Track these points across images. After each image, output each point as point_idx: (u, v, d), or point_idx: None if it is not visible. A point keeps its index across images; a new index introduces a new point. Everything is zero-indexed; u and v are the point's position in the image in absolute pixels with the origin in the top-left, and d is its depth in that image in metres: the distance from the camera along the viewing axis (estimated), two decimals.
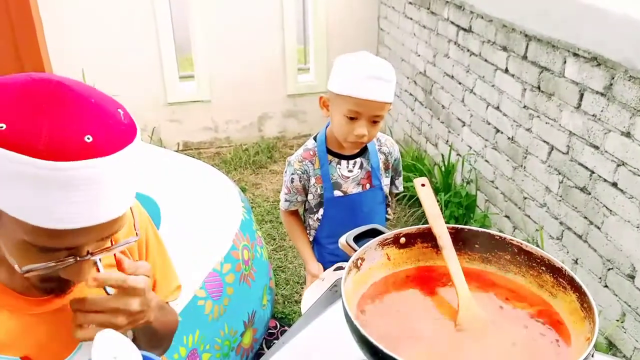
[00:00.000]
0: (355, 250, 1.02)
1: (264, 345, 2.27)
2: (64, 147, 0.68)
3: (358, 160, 1.76)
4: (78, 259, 0.78)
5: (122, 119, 0.76)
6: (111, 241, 0.84)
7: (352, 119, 1.60)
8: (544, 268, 0.98)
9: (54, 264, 0.77)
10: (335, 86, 1.61)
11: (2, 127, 0.67)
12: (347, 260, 0.98)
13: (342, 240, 1.10)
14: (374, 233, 1.13)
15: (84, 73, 3.74)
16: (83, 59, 3.79)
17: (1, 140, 0.66)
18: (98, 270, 0.86)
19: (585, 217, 2.17)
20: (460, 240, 1.05)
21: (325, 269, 1.77)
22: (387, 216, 1.90)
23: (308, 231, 1.86)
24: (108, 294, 0.86)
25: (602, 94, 2.01)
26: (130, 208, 0.83)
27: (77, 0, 3.71)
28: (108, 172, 0.71)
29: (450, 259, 0.99)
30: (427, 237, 1.05)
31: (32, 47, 3.60)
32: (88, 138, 0.70)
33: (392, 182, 1.87)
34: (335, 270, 1.64)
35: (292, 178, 1.77)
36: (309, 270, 1.81)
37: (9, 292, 0.87)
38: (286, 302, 2.69)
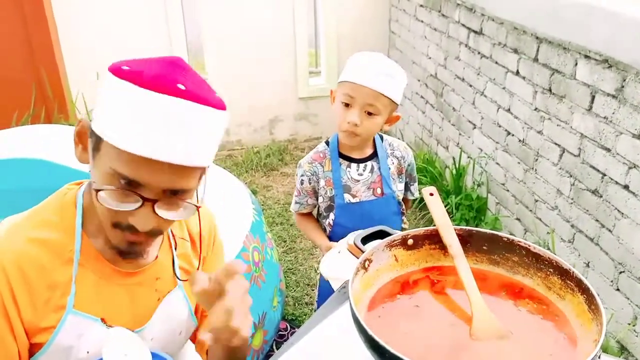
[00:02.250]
0: (363, 252, 1.02)
1: (274, 347, 2.28)
2: (161, 85, 0.83)
3: (369, 163, 1.76)
4: (145, 199, 0.87)
5: (214, 94, 0.90)
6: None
7: (346, 105, 1.62)
8: (551, 270, 0.98)
9: (115, 187, 0.86)
10: (340, 76, 1.66)
11: (126, 68, 0.85)
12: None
13: (350, 241, 1.10)
14: (382, 235, 1.13)
15: (98, 76, 3.79)
16: (97, 64, 3.83)
17: (121, 74, 0.84)
18: (173, 247, 1.07)
19: (597, 220, 2.15)
20: (468, 242, 1.05)
21: None
22: (403, 225, 1.86)
23: None
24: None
25: (613, 96, 2.00)
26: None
27: (91, 4, 3.75)
28: (190, 118, 0.84)
29: (462, 267, 0.99)
30: (435, 239, 1.06)
31: (47, 51, 3.65)
32: (181, 86, 0.84)
33: (407, 188, 1.86)
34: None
35: (302, 180, 1.78)
36: (325, 247, 1.75)
37: (102, 261, 0.99)
38: (296, 304, 2.70)
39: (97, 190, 0.87)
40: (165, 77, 0.84)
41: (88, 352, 0.97)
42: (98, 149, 0.88)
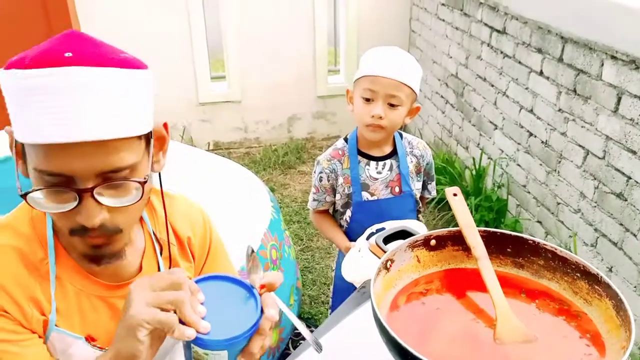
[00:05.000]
0: (385, 252, 1.01)
1: (290, 345, 2.28)
2: (44, 60, 0.72)
3: (388, 162, 1.75)
4: (79, 190, 0.77)
5: (120, 54, 0.78)
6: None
7: (368, 100, 1.61)
8: (579, 274, 0.96)
9: (43, 187, 0.77)
10: (356, 74, 1.65)
11: (14, 58, 0.75)
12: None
13: (372, 241, 1.09)
14: (404, 235, 1.12)
15: None
16: None
17: (7, 65, 0.74)
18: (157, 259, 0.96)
19: (621, 224, 2.11)
20: (492, 244, 1.03)
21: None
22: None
23: None
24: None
25: None
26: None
27: (112, 2, 3.79)
28: (82, 83, 0.72)
29: (486, 269, 0.97)
30: (458, 240, 1.04)
31: None
32: (68, 54, 0.73)
33: (425, 187, 1.84)
34: (367, 238, 1.58)
35: (320, 177, 1.76)
36: (345, 248, 1.74)
37: (80, 272, 0.92)
38: (313, 303, 2.69)
39: (24, 195, 0.77)
40: (50, 50, 0.73)
41: None
42: (24, 155, 0.79)
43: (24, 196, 0.77)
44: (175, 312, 0.76)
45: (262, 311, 0.81)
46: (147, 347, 0.77)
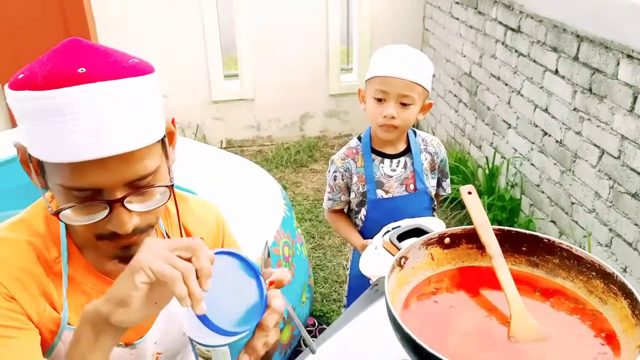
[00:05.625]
0: (399, 249, 1.01)
1: (302, 342, 2.29)
2: (58, 79, 0.72)
3: (402, 159, 1.75)
4: (108, 201, 0.78)
5: (129, 61, 0.79)
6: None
7: (380, 100, 1.61)
8: (594, 273, 0.96)
9: (75, 204, 0.78)
10: (368, 73, 1.66)
11: (21, 76, 0.75)
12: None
13: (386, 238, 1.09)
14: (418, 232, 1.12)
15: None
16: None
17: (17, 85, 0.74)
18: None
19: (636, 225, 2.09)
20: (507, 243, 1.03)
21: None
22: None
23: None
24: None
25: None
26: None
27: (128, 2, 3.82)
28: (103, 99, 0.73)
29: (501, 268, 0.97)
30: (472, 238, 1.04)
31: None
32: (82, 70, 0.74)
33: (439, 184, 1.84)
34: (383, 235, 1.58)
35: (335, 176, 1.77)
36: (361, 246, 1.73)
37: (93, 272, 0.93)
38: (324, 300, 2.70)
39: (57, 213, 0.79)
40: (62, 67, 0.74)
41: None
42: (43, 171, 0.81)
43: (56, 214, 0.79)
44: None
45: (266, 305, 0.80)
46: (141, 298, 0.73)
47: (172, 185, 0.85)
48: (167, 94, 3.83)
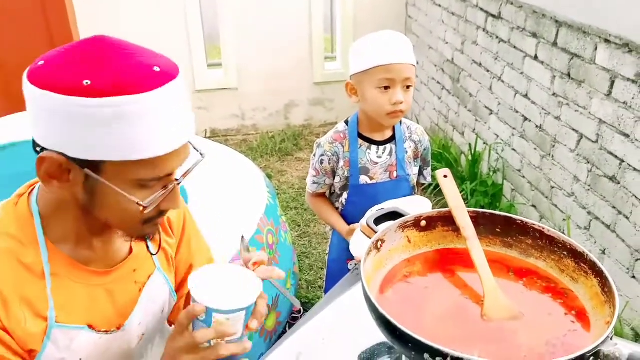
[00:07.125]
0: (376, 232, 1.03)
1: (287, 329, 2.31)
2: (142, 82, 0.79)
3: (388, 146, 1.75)
4: (176, 183, 0.90)
5: (164, 57, 0.87)
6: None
7: (386, 88, 1.61)
8: (565, 253, 0.98)
9: (163, 191, 0.88)
10: (361, 65, 1.63)
11: (87, 82, 0.77)
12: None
13: (363, 221, 1.11)
14: (395, 216, 1.14)
15: None
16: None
17: (87, 93, 0.76)
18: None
19: (614, 207, 2.13)
20: (482, 225, 1.05)
21: (345, 255, 1.78)
22: None
23: None
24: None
25: (633, 81, 1.96)
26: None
27: None
28: (179, 92, 0.83)
29: (475, 249, 0.99)
30: (448, 221, 1.06)
31: (64, 31, 3.68)
32: (156, 68, 0.81)
33: (420, 173, 1.86)
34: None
35: (322, 159, 1.76)
36: (346, 232, 1.76)
37: (74, 264, 0.94)
38: (310, 287, 2.72)
39: (144, 208, 0.86)
40: (134, 68, 0.79)
41: (81, 359, 0.95)
42: (99, 172, 0.82)
43: (144, 209, 0.87)
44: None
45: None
46: None
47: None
48: None
